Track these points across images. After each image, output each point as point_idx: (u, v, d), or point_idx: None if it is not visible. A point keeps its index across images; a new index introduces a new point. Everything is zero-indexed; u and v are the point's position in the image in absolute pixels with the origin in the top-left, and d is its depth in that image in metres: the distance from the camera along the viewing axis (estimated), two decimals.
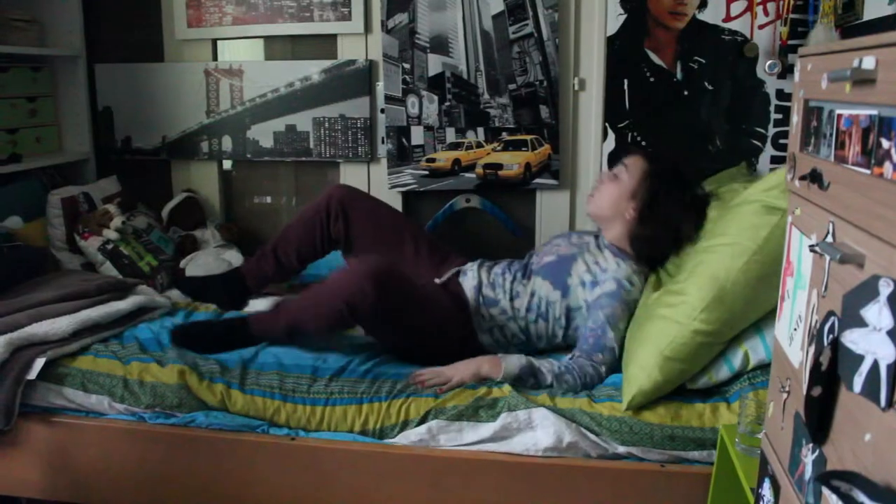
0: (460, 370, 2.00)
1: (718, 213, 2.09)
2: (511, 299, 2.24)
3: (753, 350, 1.85)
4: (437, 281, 2.35)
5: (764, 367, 1.81)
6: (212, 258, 2.78)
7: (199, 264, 2.75)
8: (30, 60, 2.94)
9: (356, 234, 2.47)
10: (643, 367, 1.83)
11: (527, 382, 1.99)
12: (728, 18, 2.67)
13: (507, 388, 1.93)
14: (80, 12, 3.05)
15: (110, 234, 2.70)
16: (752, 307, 1.83)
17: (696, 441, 1.79)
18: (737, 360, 1.86)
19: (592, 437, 1.83)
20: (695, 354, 1.83)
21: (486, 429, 1.87)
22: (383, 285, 2.00)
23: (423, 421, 1.91)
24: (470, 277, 2.32)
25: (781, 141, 2.70)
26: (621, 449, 1.82)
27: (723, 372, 1.86)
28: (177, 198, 3.06)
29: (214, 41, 3.05)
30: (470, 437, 1.88)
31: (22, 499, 2.28)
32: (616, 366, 2.05)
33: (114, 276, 2.65)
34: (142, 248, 2.74)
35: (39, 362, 2.04)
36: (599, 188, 2.30)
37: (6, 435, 2.04)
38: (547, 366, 2.01)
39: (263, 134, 3.02)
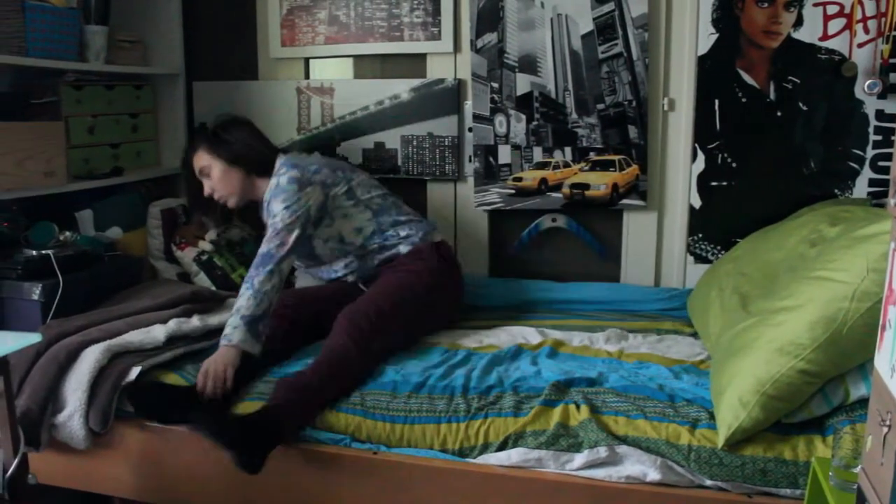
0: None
1: (837, 237, 1.97)
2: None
3: (854, 385, 1.76)
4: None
5: (863, 402, 1.74)
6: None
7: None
8: (134, 79, 3.07)
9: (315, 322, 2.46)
10: (744, 404, 1.74)
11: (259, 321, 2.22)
12: (825, 37, 2.60)
13: (584, 410, 1.91)
14: (180, 33, 3.18)
15: (205, 245, 2.80)
16: (865, 351, 1.70)
17: (789, 477, 1.72)
18: (837, 395, 1.77)
19: (679, 469, 1.78)
20: (797, 393, 1.74)
21: (569, 464, 1.84)
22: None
23: (503, 445, 1.90)
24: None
25: (882, 163, 2.61)
26: (709, 482, 1.76)
27: (822, 407, 1.78)
28: None
29: (307, 60, 3.13)
30: (552, 468, 1.86)
31: (115, 498, 2.37)
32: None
33: (207, 286, 2.74)
34: (235, 259, 2.82)
35: (135, 371, 2.12)
36: (217, 192, 2.59)
37: (102, 437, 2.12)
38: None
39: (352, 151, 3.07)
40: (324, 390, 2.05)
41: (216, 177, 2.57)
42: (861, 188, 2.65)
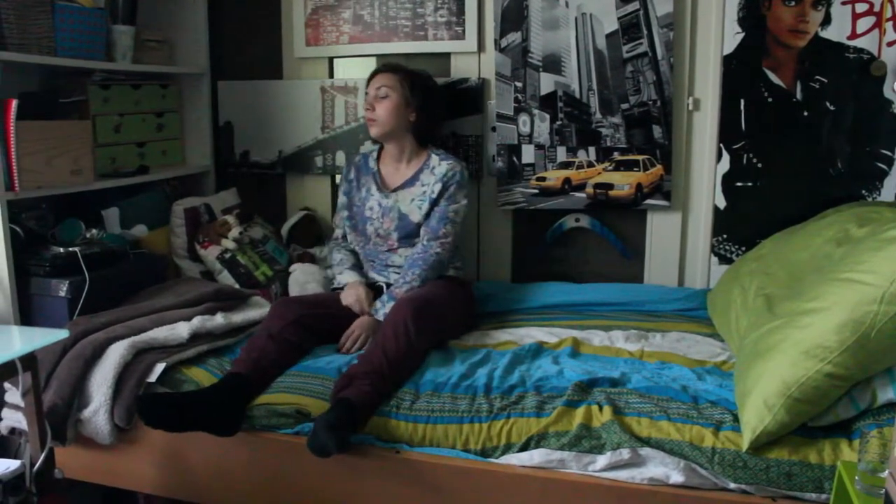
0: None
1: (865, 238, 1.94)
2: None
3: (882, 389, 1.73)
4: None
5: (891, 406, 1.71)
6: (303, 276, 2.85)
7: (293, 281, 2.83)
8: (160, 78, 3.09)
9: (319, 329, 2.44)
10: (769, 407, 1.72)
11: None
12: (854, 35, 2.57)
13: (607, 411, 1.90)
14: (206, 33, 3.20)
15: (228, 243, 2.81)
16: (893, 354, 1.69)
17: (815, 481, 1.70)
18: (864, 399, 1.74)
19: (703, 472, 1.76)
20: (824, 396, 1.72)
21: (591, 465, 1.84)
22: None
23: (525, 446, 1.90)
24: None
25: None
26: (732, 485, 1.75)
27: (848, 410, 1.75)
28: (295, 216, 3.15)
29: (331, 59, 3.14)
30: (574, 469, 1.85)
31: (139, 493, 2.39)
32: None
33: (230, 284, 2.75)
34: (258, 257, 2.84)
35: (160, 367, 2.14)
36: (376, 111, 2.61)
37: (127, 433, 2.14)
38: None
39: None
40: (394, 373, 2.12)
41: (387, 104, 2.61)
42: (889, 189, 2.62)
